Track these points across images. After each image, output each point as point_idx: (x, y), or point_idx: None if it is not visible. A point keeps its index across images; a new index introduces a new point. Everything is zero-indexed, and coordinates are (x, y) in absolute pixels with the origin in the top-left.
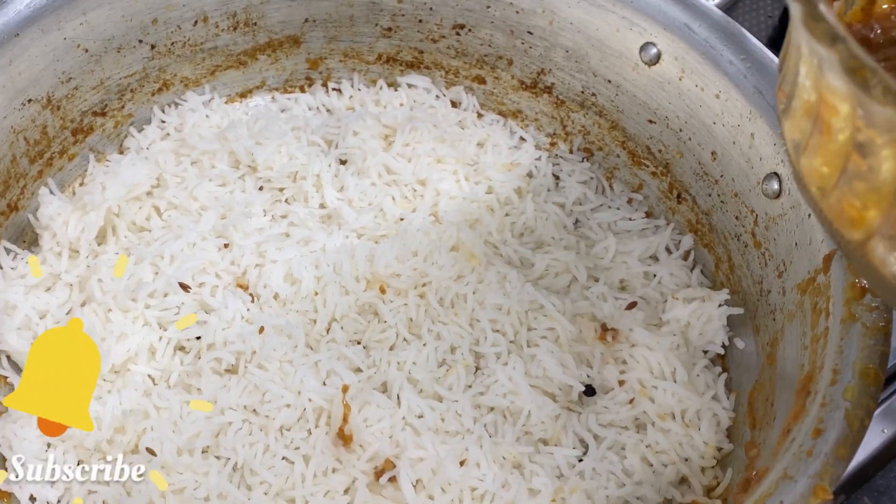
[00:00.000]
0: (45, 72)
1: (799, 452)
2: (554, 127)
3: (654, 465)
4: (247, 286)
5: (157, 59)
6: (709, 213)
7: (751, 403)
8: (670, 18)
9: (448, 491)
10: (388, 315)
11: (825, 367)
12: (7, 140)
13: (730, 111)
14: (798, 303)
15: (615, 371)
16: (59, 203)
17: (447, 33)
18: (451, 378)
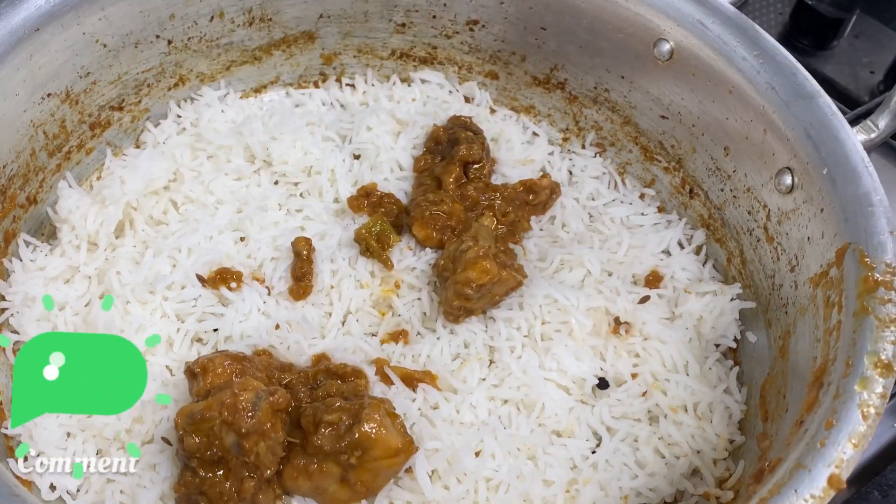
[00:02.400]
0: (65, 66)
1: (812, 443)
2: (567, 122)
3: (666, 456)
4: (263, 279)
5: (174, 54)
6: (721, 208)
7: (763, 396)
8: (684, 14)
9: (463, 481)
10: (402, 309)
11: (838, 359)
12: (27, 134)
13: (743, 107)
14: (811, 296)
15: (628, 364)
16: (77, 196)
17: (461, 29)
18: (465, 371)
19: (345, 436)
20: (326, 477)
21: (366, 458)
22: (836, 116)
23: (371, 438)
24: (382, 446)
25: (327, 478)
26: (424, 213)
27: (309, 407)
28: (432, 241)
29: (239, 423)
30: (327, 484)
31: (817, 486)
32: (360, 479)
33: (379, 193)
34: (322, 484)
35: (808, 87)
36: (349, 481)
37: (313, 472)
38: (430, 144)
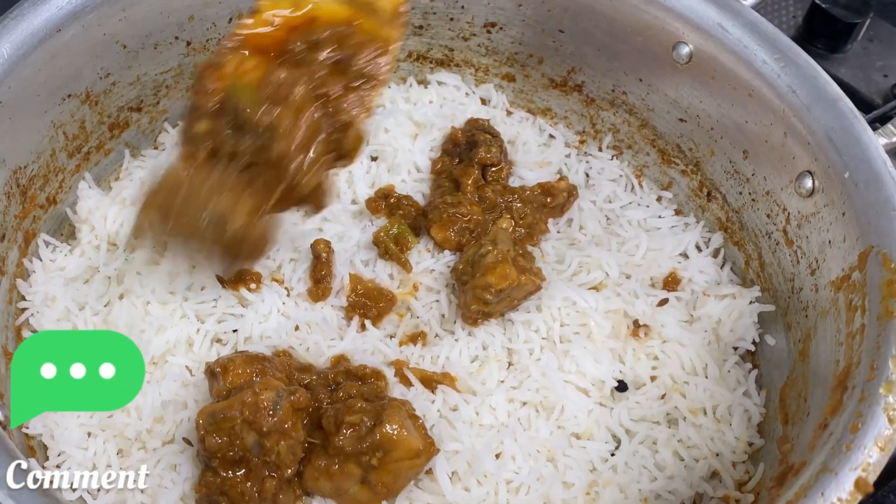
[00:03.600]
0: (85, 67)
1: (838, 446)
2: (583, 125)
3: (685, 459)
4: (282, 280)
5: (193, 55)
6: (739, 212)
7: (782, 399)
8: (703, 17)
9: (484, 483)
10: (420, 311)
11: (862, 362)
12: (48, 134)
13: (763, 110)
14: (832, 300)
15: (647, 367)
16: (97, 197)
17: (478, 31)
18: (484, 373)
19: (366, 437)
20: (347, 478)
21: (387, 459)
22: (858, 120)
23: (393, 440)
24: (404, 447)
25: (348, 479)
26: (443, 216)
27: (330, 408)
28: (451, 244)
29: (260, 423)
30: (348, 485)
31: (844, 490)
32: (381, 481)
33: (397, 195)
34: (343, 485)
35: (829, 90)
36: (370, 482)
37: (334, 472)
38: (447, 147)
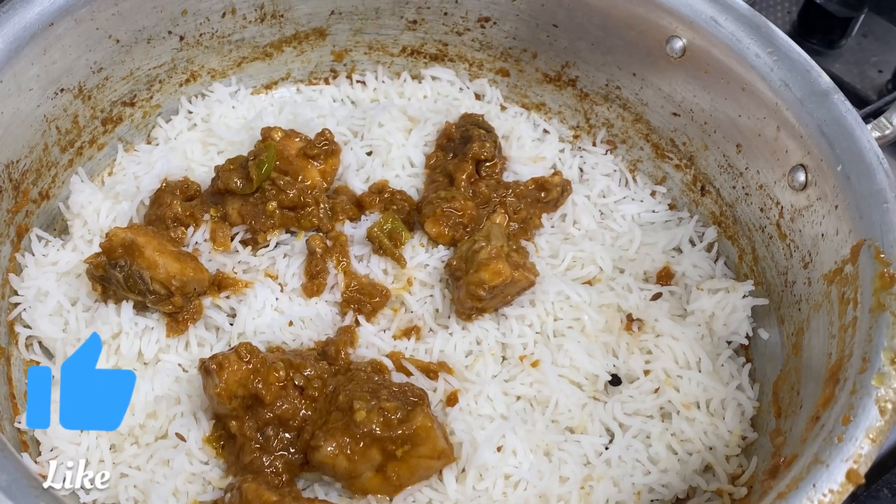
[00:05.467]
0: (78, 62)
1: (829, 438)
2: (577, 120)
3: (679, 453)
4: (275, 276)
5: (186, 50)
6: (733, 206)
7: (775, 393)
8: (696, 11)
9: (485, 476)
10: (414, 305)
11: (854, 355)
12: (40, 129)
13: (756, 104)
14: (825, 293)
15: (640, 361)
16: (90, 191)
17: (472, 26)
18: (478, 365)
19: (399, 426)
20: (366, 462)
21: (412, 453)
22: (851, 113)
23: (423, 436)
24: (430, 445)
25: (367, 462)
26: (436, 211)
27: (346, 384)
28: (444, 239)
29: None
30: (364, 469)
31: (835, 481)
32: (397, 472)
33: (391, 190)
34: (359, 468)
35: (822, 84)
36: (385, 472)
37: (356, 452)
38: (441, 141)
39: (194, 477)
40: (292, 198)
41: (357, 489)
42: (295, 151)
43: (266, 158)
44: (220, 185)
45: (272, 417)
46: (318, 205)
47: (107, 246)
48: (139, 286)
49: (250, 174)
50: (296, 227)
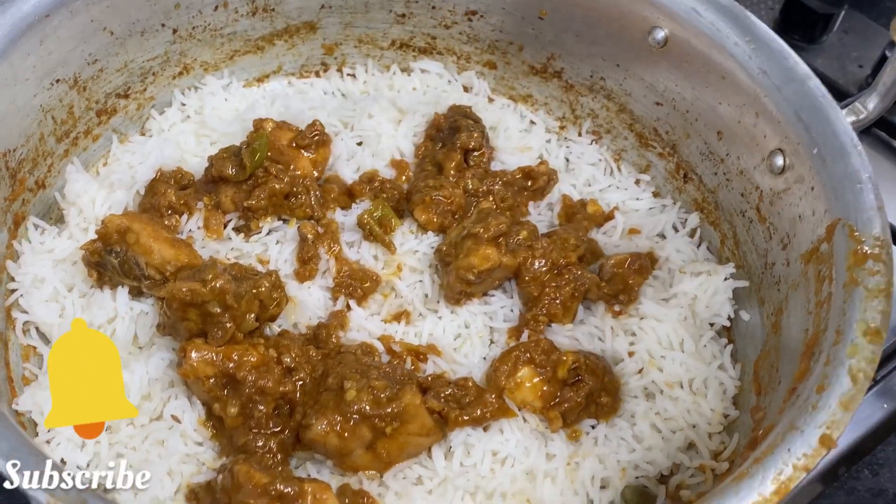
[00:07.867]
0: (73, 53)
1: (804, 406)
2: (563, 111)
3: (662, 431)
4: (267, 262)
5: (179, 43)
6: (714, 192)
7: (756, 371)
8: (677, 3)
9: (472, 453)
10: (404, 291)
11: (829, 328)
12: (36, 118)
13: (735, 91)
14: (802, 272)
15: (625, 342)
16: (85, 180)
17: (460, 19)
18: (466, 347)
19: (388, 404)
20: (356, 440)
21: (401, 430)
22: (826, 98)
23: (412, 413)
24: (419, 423)
25: (357, 440)
26: (425, 198)
27: (338, 366)
28: (433, 225)
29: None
30: (355, 446)
31: (809, 446)
32: (387, 450)
33: (381, 179)
34: (350, 445)
35: (798, 70)
36: (375, 449)
37: (346, 430)
38: (430, 132)
39: (189, 458)
40: (284, 186)
41: (348, 466)
42: (286, 142)
43: (259, 146)
44: (214, 172)
45: (254, 391)
46: (310, 193)
47: (102, 232)
48: (134, 271)
49: (244, 161)
50: (288, 215)
